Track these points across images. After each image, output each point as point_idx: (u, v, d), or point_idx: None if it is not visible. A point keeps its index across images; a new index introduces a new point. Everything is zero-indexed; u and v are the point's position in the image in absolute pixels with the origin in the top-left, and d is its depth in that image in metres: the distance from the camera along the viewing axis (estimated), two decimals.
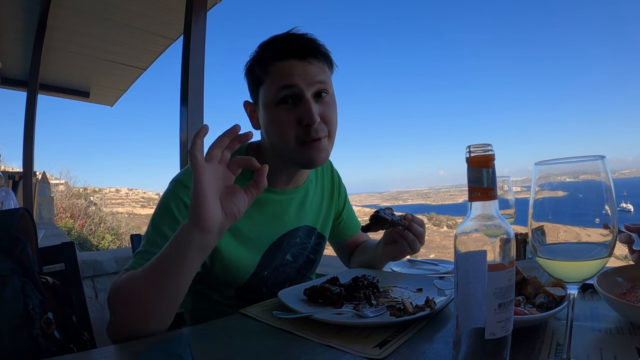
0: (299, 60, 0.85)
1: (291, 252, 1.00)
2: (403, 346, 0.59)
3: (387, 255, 1.05)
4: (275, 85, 0.84)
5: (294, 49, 0.85)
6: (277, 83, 0.84)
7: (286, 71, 0.84)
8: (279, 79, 0.84)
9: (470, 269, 0.45)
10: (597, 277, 0.67)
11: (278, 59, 0.85)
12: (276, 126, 0.87)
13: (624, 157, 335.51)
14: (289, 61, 0.84)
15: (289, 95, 0.84)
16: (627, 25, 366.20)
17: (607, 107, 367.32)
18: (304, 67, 0.85)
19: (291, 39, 0.88)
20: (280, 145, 0.88)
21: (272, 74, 0.85)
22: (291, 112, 0.85)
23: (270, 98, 0.86)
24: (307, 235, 1.04)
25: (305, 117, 0.84)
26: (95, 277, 2.08)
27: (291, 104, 0.85)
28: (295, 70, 0.84)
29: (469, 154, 0.47)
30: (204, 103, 2.39)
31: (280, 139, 0.87)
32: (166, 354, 0.59)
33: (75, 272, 1.10)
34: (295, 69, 0.84)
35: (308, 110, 0.83)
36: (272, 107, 0.86)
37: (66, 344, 0.83)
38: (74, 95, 6.14)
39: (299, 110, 0.84)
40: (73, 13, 3.96)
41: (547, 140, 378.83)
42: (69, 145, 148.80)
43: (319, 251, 1.09)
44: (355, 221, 1.25)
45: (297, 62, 0.85)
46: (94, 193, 17.21)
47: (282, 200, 0.97)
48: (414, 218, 0.99)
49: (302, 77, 0.84)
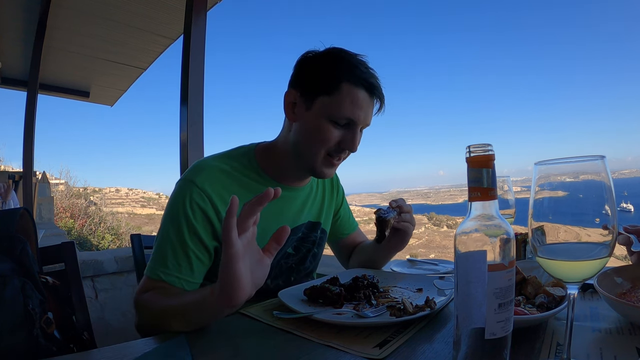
0: (369, 96, 0.90)
1: (292, 246, 1.02)
2: (403, 346, 0.59)
3: (394, 247, 1.06)
4: (342, 107, 0.88)
5: (371, 84, 0.89)
6: (343, 106, 0.87)
7: (357, 102, 0.88)
8: (348, 104, 0.88)
9: (470, 269, 0.45)
10: (597, 277, 0.67)
11: (354, 84, 0.88)
12: (318, 136, 0.90)
13: (624, 157, 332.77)
14: (363, 92, 0.89)
15: (349, 121, 0.89)
16: (626, 25, 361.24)
17: (607, 107, 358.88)
18: (368, 104, 0.91)
19: (370, 71, 0.91)
20: (307, 151, 0.92)
21: (343, 94, 0.88)
22: (338, 131, 0.90)
23: (329, 113, 0.88)
24: (310, 230, 1.06)
25: (349, 144, 0.91)
26: (95, 277, 2.08)
27: (342, 125, 0.90)
28: (363, 105, 0.89)
29: (469, 154, 0.47)
30: (204, 103, 2.39)
31: (312, 147, 0.91)
32: (166, 354, 0.59)
33: (75, 272, 1.10)
34: (364, 103, 0.89)
35: (354, 140, 0.91)
36: (325, 119, 0.89)
37: (66, 344, 0.83)
38: (74, 95, 6.13)
39: (345, 134, 0.90)
40: (73, 13, 3.95)
41: (547, 140, 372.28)
42: (69, 145, 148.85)
43: (322, 245, 1.11)
44: (352, 220, 1.26)
45: (367, 97, 0.90)
46: (94, 193, 17.21)
47: (289, 197, 0.99)
48: (396, 200, 1.02)
49: (365, 113, 0.90)
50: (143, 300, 0.79)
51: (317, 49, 0.94)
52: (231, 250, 0.59)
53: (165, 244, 0.84)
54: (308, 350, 0.59)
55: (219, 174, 0.90)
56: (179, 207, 0.85)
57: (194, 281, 0.84)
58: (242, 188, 0.91)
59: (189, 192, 0.86)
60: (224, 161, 0.94)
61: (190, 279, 0.84)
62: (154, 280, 0.82)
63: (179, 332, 0.68)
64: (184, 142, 2.32)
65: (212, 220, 0.86)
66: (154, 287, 0.81)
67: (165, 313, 0.72)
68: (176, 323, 0.69)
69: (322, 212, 1.10)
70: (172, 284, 0.81)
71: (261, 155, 0.98)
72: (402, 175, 29.48)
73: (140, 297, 0.80)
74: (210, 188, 0.87)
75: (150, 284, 0.82)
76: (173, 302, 0.73)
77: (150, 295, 0.80)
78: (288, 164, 0.96)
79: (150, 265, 0.84)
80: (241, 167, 0.94)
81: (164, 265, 0.82)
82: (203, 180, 0.87)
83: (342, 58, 0.90)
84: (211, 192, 0.87)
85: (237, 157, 0.96)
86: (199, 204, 0.85)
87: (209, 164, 0.92)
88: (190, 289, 0.83)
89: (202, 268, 0.86)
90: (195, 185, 0.86)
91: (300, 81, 0.93)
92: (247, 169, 0.95)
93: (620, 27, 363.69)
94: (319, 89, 0.89)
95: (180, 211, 0.85)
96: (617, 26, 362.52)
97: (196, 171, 0.89)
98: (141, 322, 0.79)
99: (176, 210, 0.85)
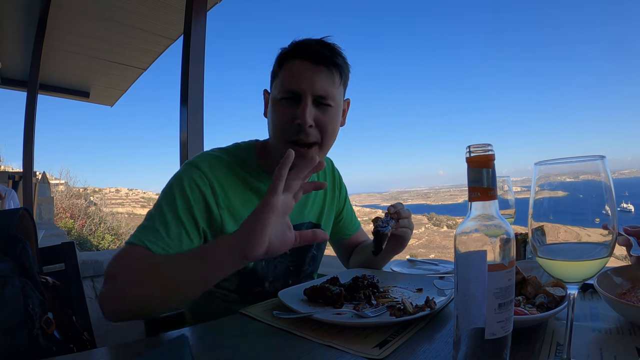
0: (310, 64, 0.87)
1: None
2: (403, 346, 0.59)
3: (392, 250, 1.06)
4: (283, 82, 0.88)
5: (309, 52, 0.88)
6: (284, 80, 0.88)
7: (295, 72, 0.87)
8: (287, 77, 0.88)
9: (470, 269, 0.45)
10: (597, 277, 0.67)
11: (293, 58, 0.88)
12: (274, 120, 0.90)
13: (623, 157, 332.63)
14: (301, 62, 0.87)
15: (292, 93, 0.87)
16: (626, 24, 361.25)
17: (607, 107, 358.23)
18: (313, 73, 0.87)
19: (310, 42, 0.90)
20: (274, 139, 0.92)
21: (284, 70, 0.89)
22: (289, 108, 0.87)
23: (276, 93, 0.89)
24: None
25: (299, 116, 0.86)
26: (95, 277, 2.08)
27: (292, 102, 0.87)
28: (305, 74, 0.87)
29: (469, 154, 0.47)
30: (204, 103, 2.39)
31: (274, 133, 0.91)
32: (166, 354, 0.59)
33: (75, 272, 1.10)
34: (305, 72, 0.87)
35: (302, 110, 0.86)
36: (276, 101, 0.90)
37: (66, 344, 0.83)
38: (74, 95, 6.14)
39: (297, 109, 0.87)
40: (73, 13, 3.96)
41: (547, 140, 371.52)
42: (69, 145, 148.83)
43: (322, 247, 1.10)
44: (355, 221, 1.25)
45: (308, 66, 0.87)
46: (94, 193, 17.20)
47: None
48: (395, 205, 1.00)
49: (307, 81, 0.87)
50: (119, 265, 0.73)
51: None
52: (272, 198, 0.62)
53: (157, 216, 0.81)
54: (308, 350, 0.59)
55: (222, 165, 0.91)
56: (177, 184, 0.85)
57: None
58: (240, 181, 0.93)
59: (190, 173, 0.87)
60: (226, 154, 0.95)
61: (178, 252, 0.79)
62: (137, 247, 0.75)
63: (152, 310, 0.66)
64: (184, 142, 2.32)
65: (209, 204, 0.86)
66: (134, 254, 0.75)
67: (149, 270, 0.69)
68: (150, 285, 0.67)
69: (322, 214, 1.09)
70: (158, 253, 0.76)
71: (259, 152, 0.99)
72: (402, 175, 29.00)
73: (116, 263, 0.73)
74: (213, 174, 0.88)
75: (131, 251, 0.75)
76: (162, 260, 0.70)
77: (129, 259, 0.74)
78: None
79: (135, 234, 0.78)
80: (241, 162, 0.95)
81: (153, 235, 0.77)
82: (206, 166, 0.88)
83: (290, 44, 0.91)
84: (213, 178, 0.87)
85: (239, 152, 0.97)
86: (198, 185, 0.85)
87: (213, 154, 0.94)
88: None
89: (190, 246, 0.82)
90: (199, 169, 0.87)
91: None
92: (246, 164, 0.95)
93: (620, 26, 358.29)
94: (273, 78, 0.92)
95: (178, 187, 0.85)
96: (617, 25, 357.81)
97: (201, 158, 0.91)
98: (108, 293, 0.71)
99: (174, 185, 0.85)
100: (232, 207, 0.89)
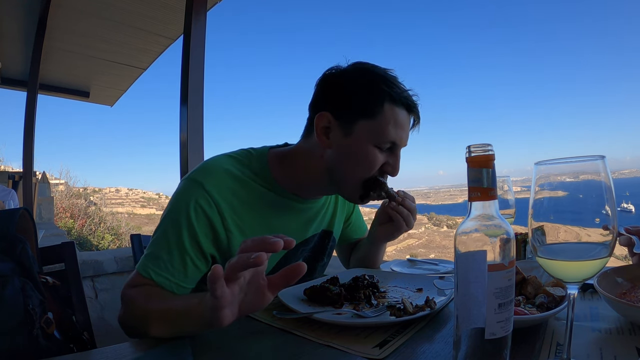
0: (408, 115, 0.87)
1: (304, 256, 1.01)
2: (403, 346, 0.59)
3: (384, 236, 1.05)
4: (386, 131, 0.83)
5: (410, 103, 0.86)
6: (387, 130, 0.83)
7: (400, 123, 0.85)
8: (392, 127, 0.84)
9: (470, 269, 0.45)
10: (597, 277, 0.67)
11: (396, 104, 0.84)
12: (365, 163, 0.85)
13: (623, 157, 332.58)
14: (403, 112, 0.85)
15: (392, 143, 0.86)
16: (625, 23, 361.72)
17: (607, 107, 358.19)
18: (409, 124, 0.88)
19: (405, 88, 0.87)
20: (349, 177, 0.87)
21: (386, 116, 0.83)
22: (382, 155, 0.86)
23: (373, 138, 0.84)
24: (322, 239, 1.05)
25: (390, 169, 0.87)
26: (95, 277, 2.08)
27: (386, 149, 0.86)
28: (405, 125, 0.86)
29: (468, 153, 0.47)
30: (204, 103, 2.39)
31: (356, 173, 0.86)
32: (166, 354, 0.59)
33: (75, 272, 1.10)
34: (405, 123, 0.86)
35: (396, 165, 0.87)
36: (369, 145, 0.84)
37: (66, 344, 0.83)
38: (74, 95, 6.13)
39: (387, 157, 0.87)
40: (73, 13, 3.95)
41: (547, 140, 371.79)
42: (69, 145, 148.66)
43: (331, 254, 1.11)
44: (363, 226, 1.24)
45: (407, 117, 0.86)
46: (93, 193, 17.20)
47: (302, 209, 0.96)
48: (406, 194, 1.00)
49: (406, 134, 0.87)
50: (130, 295, 0.76)
51: (340, 66, 0.88)
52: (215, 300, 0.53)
53: (162, 243, 0.80)
54: (308, 350, 0.59)
55: (228, 179, 0.85)
56: (182, 208, 0.81)
57: (186, 286, 0.81)
58: (251, 196, 0.87)
59: (195, 194, 0.81)
60: (234, 165, 0.89)
61: (183, 283, 0.80)
62: (144, 278, 0.78)
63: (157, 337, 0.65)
64: (184, 142, 2.32)
65: (215, 228, 0.83)
66: (143, 283, 0.78)
67: (148, 315, 0.69)
68: (157, 328, 0.66)
69: (334, 221, 1.07)
70: (162, 285, 0.78)
71: (275, 163, 0.91)
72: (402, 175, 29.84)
73: (127, 291, 0.77)
74: (219, 194, 0.83)
75: (140, 280, 0.78)
76: (158, 306, 0.70)
77: (137, 291, 0.77)
78: (311, 182, 0.91)
79: (143, 261, 0.80)
80: (252, 174, 0.89)
81: (157, 265, 0.78)
82: (212, 185, 0.83)
83: (379, 77, 0.84)
84: (219, 199, 0.82)
85: (248, 163, 0.91)
86: (204, 210, 0.81)
87: (218, 166, 0.87)
88: (180, 293, 0.80)
89: (197, 274, 0.83)
90: (203, 189, 0.82)
91: (332, 103, 0.86)
92: (258, 176, 0.89)
93: (620, 26, 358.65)
94: (358, 112, 0.83)
95: (183, 213, 0.80)
96: (616, 25, 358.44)
97: (205, 173, 0.85)
98: (125, 317, 0.76)
99: (179, 210, 0.81)
100: (244, 226, 0.86)
